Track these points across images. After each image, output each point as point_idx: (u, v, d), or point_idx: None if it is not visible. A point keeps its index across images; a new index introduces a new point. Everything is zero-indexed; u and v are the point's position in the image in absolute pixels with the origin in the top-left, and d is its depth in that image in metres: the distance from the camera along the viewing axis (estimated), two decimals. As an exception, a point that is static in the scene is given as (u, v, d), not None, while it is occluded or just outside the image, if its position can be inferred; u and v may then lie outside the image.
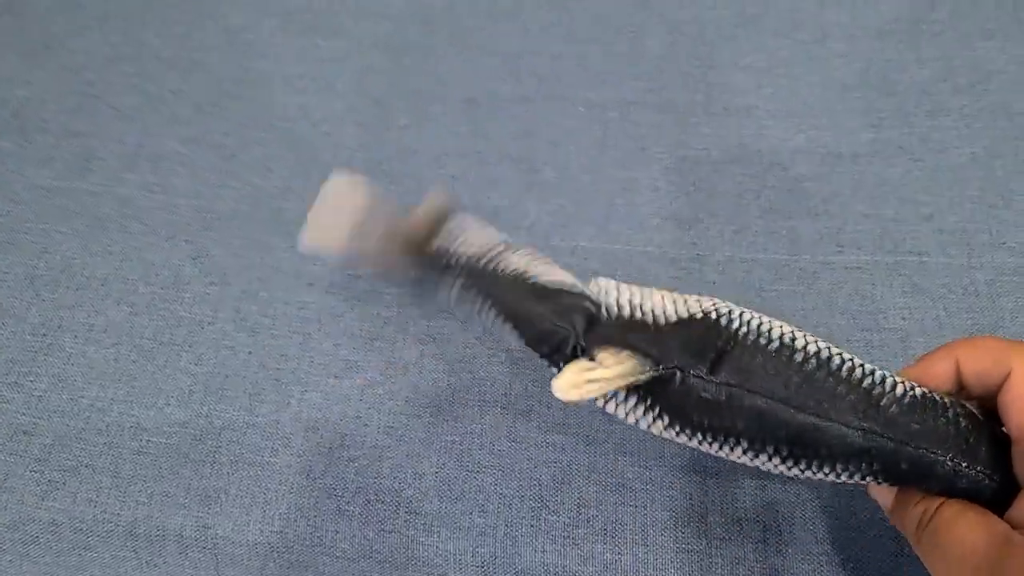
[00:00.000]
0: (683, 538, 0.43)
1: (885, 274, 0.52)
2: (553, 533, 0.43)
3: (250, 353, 0.50)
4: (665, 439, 0.38)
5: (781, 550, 0.43)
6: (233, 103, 0.62)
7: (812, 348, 0.35)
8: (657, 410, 0.36)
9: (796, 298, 0.51)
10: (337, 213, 0.42)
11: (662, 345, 0.35)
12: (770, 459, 0.35)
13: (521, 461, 0.46)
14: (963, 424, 0.34)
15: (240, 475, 0.46)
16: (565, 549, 0.43)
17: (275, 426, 0.47)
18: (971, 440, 0.34)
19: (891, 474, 0.34)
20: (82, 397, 0.48)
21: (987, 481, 0.33)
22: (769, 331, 0.35)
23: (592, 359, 0.36)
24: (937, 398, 0.35)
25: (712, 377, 0.35)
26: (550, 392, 0.46)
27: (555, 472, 0.45)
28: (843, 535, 0.43)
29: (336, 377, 0.49)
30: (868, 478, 0.34)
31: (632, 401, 0.37)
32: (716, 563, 0.42)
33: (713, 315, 0.36)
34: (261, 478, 0.46)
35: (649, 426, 0.37)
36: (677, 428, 0.36)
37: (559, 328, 0.37)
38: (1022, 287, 0.50)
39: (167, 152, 0.59)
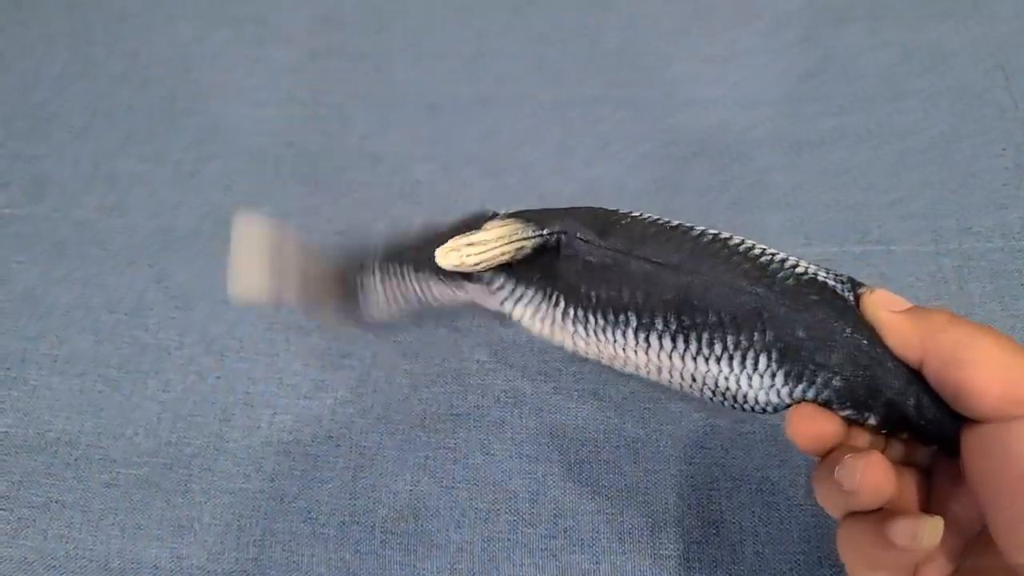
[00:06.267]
0: (661, 543, 0.43)
1: (853, 265, 0.51)
2: (531, 546, 0.43)
3: (218, 378, 0.49)
4: (570, 348, 0.37)
5: (759, 551, 0.43)
6: (189, 118, 0.61)
7: (712, 231, 0.34)
8: (552, 294, 0.36)
9: (765, 293, 0.51)
10: (253, 259, 0.41)
11: (549, 216, 0.35)
12: (661, 338, 0.34)
13: (495, 474, 0.45)
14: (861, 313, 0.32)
15: (213, 503, 0.45)
16: (543, 562, 0.43)
17: (246, 451, 0.47)
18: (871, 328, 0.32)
19: (788, 345, 0.32)
20: (49, 431, 0.48)
21: (890, 364, 0.31)
22: (669, 221, 0.34)
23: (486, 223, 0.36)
24: (839, 289, 0.33)
25: (600, 242, 0.34)
26: (522, 404, 0.46)
27: (530, 484, 0.45)
28: (819, 533, 0.43)
29: (306, 398, 0.48)
30: (767, 361, 0.32)
31: (528, 293, 0.37)
32: (694, 567, 0.42)
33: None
34: (234, 505, 0.45)
35: (551, 323, 0.37)
36: (572, 312, 0.35)
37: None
38: (989, 272, 0.50)
39: (123, 172, 0.58)
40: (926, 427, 0.32)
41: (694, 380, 0.35)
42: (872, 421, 0.32)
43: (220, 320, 0.51)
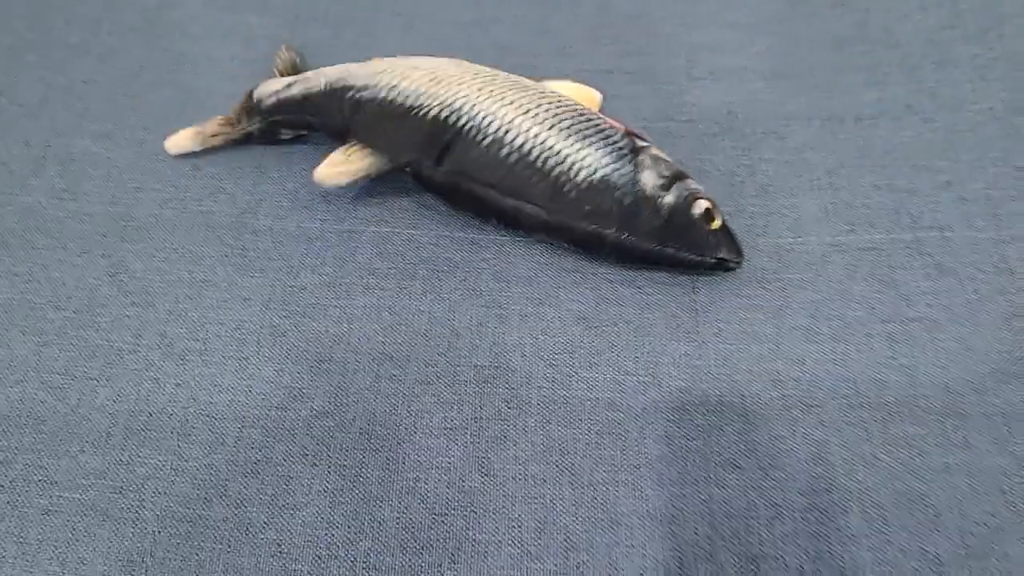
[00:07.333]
0: (690, 582, 0.37)
1: (905, 254, 0.45)
2: (538, 585, 0.37)
3: (178, 385, 0.43)
4: None
5: (805, 590, 0.36)
6: (153, 92, 0.55)
7: (519, 141, 0.44)
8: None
9: (804, 287, 0.45)
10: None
11: (399, 144, 0.46)
12: (500, 228, 0.48)
13: (496, 499, 0.39)
14: (627, 202, 0.43)
15: (168, 533, 0.39)
16: (553, 603, 0.37)
17: (208, 471, 0.40)
18: (638, 213, 0.43)
19: (578, 244, 0.45)
20: (-19, 448, 0.41)
21: (657, 247, 0.44)
22: (487, 126, 0.44)
23: (349, 148, 0.47)
24: (616, 179, 0.44)
25: (438, 167, 0.45)
26: (527, 416, 0.40)
27: (536, 510, 0.39)
28: (878, 570, 0.36)
29: (279, 409, 0.42)
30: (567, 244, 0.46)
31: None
32: (730, 610, 0.36)
33: (445, 112, 0.45)
34: (193, 535, 0.39)
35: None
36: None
37: (334, 118, 0.48)
38: (1061, 261, 0.44)
39: (78, 152, 0.52)
40: None
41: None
42: None
43: (182, 319, 0.45)
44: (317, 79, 0.49)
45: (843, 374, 0.41)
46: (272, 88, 0.51)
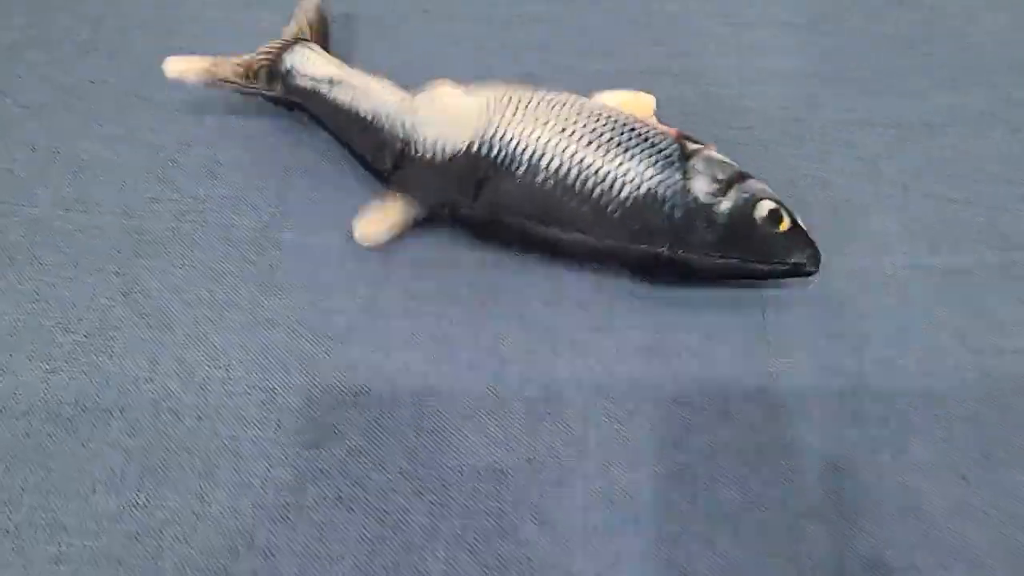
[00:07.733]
0: (774, 648, 0.33)
1: (995, 278, 0.42)
2: (604, 651, 0.33)
3: (199, 418, 0.39)
4: None
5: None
6: (165, 93, 0.51)
7: (554, 165, 0.41)
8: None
9: (886, 314, 0.41)
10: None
11: (436, 186, 0.43)
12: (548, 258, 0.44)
13: (555, 550, 0.35)
14: (678, 215, 0.40)
15: (190, 586, 0.35)
16: (621, 672, 0.33)
17: (234, 516, 0.37)
18: (692, 226, 0.40)
19: (632, 267, 0.43)
20: (-18, 488, 0.38)
21: (720, 259, 0.40)
22: (520, 153, 0.41)
23: (384, 199, 0.44)
24: (663, 191, 0.40)
25: (474, 205, 0.42)
26: (585, 458, 0.37)
27: (600, 562, 0.35)
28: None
29: (311, 446, 0.38)
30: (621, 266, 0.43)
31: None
32: None
33: (476, 145, 0.42)
34: (218, 590, 0.35)
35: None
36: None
37: (375, 161, 0.45)
38: None
39: (87, 157, 0.48)
40: None
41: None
42: None
43: (202, 344, 0.41)
44: (358, 102, 0.45)
45: (934, 413, 0.38)
46: (308, 70, 0.47)
